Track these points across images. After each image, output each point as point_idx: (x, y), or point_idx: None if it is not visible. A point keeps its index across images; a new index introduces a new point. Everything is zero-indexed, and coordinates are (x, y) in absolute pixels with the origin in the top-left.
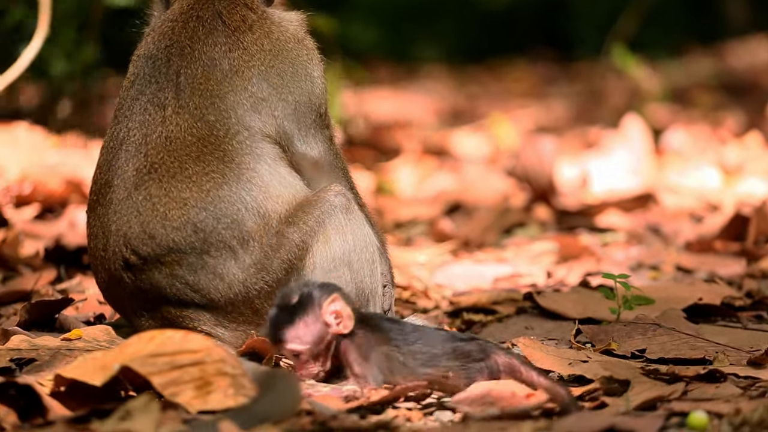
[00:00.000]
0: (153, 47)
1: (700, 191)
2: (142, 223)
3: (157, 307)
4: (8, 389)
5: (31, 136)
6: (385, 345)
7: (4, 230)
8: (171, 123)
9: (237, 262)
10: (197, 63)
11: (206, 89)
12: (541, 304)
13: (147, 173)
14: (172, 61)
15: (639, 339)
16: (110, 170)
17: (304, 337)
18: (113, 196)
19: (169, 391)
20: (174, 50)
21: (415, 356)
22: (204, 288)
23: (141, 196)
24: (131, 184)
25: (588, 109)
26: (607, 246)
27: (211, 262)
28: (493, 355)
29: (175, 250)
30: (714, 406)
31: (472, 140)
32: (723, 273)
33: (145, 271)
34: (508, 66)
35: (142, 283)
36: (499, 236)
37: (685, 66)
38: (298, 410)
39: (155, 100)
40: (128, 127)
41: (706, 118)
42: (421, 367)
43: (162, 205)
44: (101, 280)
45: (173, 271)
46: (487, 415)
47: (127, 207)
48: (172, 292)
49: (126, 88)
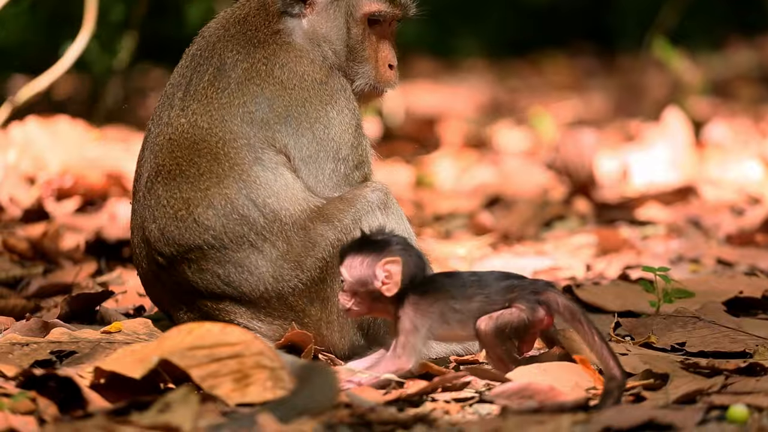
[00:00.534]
0: (195, 43)
1: (741, 184)
2: (159, 226)
3: (193, 300)
4: (49, 381)
5: (73, 130)
6: (440, 300)
7: (45, 223)
8: (172, 125)
9: (263, 256)
10: (210, 67)
11: (206, 95)
12: (580, 297)
13: (155, 175)
14: (195, 60)
15: (679, 332)
16: (140, 166)
17: (353, 270)
18: (139, 195)
19: (207, 383)
20: (202, 48)
21: (471, 300)
22: (234, 281)
23: (153, 199)
24: (145, 185)
25: (628, 102)
26: (647, 239)
27: (234, 256)
28: (547, 292)
29: (194, 247)
30: (754, 399)
31: (513, 133)
32: (764, 266)
33: (175, 267)
34: (548, 60)
35: (176, 278)
36: (538, 229)
37: (726, 58)
38: (336, 403)
39: (170, 99)
40: (153, 124)
41: (748, 111)
42: (477, 309)
43: (170, 206)
44: (142, 273)
45: (201, 266)
46: (525, 408)
47: (144, 208)
48: (204, 285)
49: (168, 82)
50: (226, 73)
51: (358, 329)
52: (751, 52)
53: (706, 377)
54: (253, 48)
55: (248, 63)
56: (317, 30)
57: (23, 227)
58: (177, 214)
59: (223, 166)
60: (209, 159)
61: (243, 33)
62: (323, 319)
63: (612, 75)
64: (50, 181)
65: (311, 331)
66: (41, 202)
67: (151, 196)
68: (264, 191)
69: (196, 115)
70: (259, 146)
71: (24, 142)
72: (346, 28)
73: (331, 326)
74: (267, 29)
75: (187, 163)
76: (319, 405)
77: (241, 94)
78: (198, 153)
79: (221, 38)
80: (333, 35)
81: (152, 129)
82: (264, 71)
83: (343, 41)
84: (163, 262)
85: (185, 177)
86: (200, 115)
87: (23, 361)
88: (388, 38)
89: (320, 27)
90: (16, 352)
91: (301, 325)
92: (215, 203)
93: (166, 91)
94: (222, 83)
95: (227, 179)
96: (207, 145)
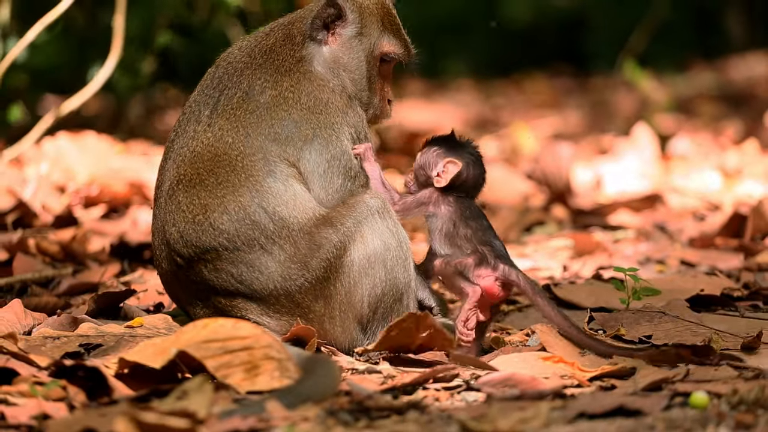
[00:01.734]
0: (219, 67)
1: (702, 192)
2: (178, 229)
3: (208, 297)
4: (77, 371)
5: (99, 144)
6: (461, 221)
7: (74, 228)
8: (198, 138)
9: (272, 258)
10: (238, 89)
11: (235, 115)
12: (558, 294)
13: (176, 183)
14: (222, 83)
15: (646, 326)
16: (162, 175)
17: (425, 155)
18: (161, 201)
19: (221, 373)
20: (229, 72)
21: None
22: (247, 280)
23: (173, 205)
24: (167, 192)
25: (601, 119)
26: (618, 242)
27: (247, 258)
28: (507, 266)
29: (210, 249)
30: (713, 387)
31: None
32: (723, 267)
33: (193, 267)
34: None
35: (194, 277)
36: (520, 233)
37: (689, 79)
38: (338, 391)
39: (196, 115)
40: (176, 135)
41: (708, 126)
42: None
43: (189, 212)
44: (162, 273)
45: (216, 266)
46: (508, 396)
47: (165, 213)
48: (219, 283)
49: (189, 99)
50: (255, 97)
51: (358, 324)
52: (712, 74)
53: (670, 367)
54: (280, 76)
55: (276, 90)
56: (338, 59)
57: (54, 232)
58: (195, 218)
59: (240, 176)
60: (228, 170)
61: (271, 62)
62: (326, 315)
63: (587, 94)
64: (78, 190)
65: (315, 326)
66: (70, 209)
67: (171, 202)
68: (274, 200)
69: (222, 131)
70: (273, 160)
71: (55, 155)
72: (365, 62)
73: (333, 321)
74: (292, 58)
75: (207, 173)
76: (322, 393)
77: (269, 117)
78: (218, 164)
79: (249, 65)
80: (353, 66)
81: (176, 141)
82: (292, 98)
83: (360, 73)
84: (181, 263)
85: (204, 185)
86: (227, 131)
87: (55, 353)
88: (389, 75)
89: (342, 57)
90: (49, 345)
91: (306, 321)
92: (230, 209)
93: (190, 107)
94: (251, 105)
95: (242, 188)
96: (227, 157)
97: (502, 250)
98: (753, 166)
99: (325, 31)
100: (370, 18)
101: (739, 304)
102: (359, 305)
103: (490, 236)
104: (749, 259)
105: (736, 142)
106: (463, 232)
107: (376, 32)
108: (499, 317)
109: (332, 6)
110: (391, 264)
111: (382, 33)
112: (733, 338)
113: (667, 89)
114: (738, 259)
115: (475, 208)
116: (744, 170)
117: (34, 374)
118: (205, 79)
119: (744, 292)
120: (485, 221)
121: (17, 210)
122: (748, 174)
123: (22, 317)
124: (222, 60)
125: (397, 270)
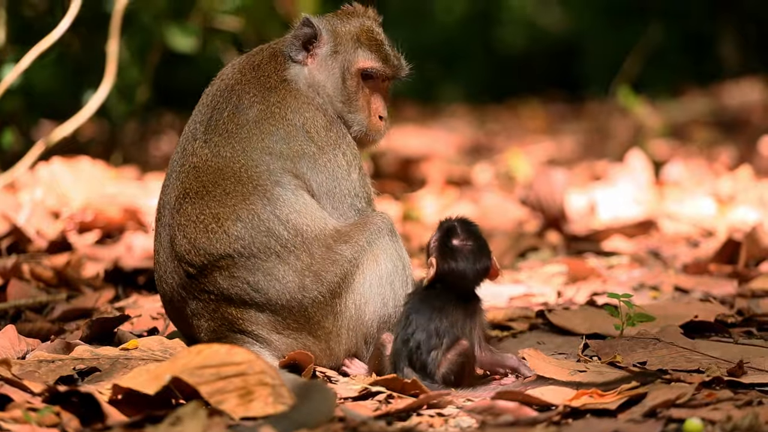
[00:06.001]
0: (214, 84)
1: (696, 219)
2: (190, 240)
3: (218, 309)
4: (71, 397)
5: (93, 169)
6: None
7: (68, 254)
8: (197, 155)
9: (289, 266)
10: (228, 105)
11: (227, 130)
12: (552, 320)
13: (183, 197)
14: (215, 99)
15: (641, 352)
16: (164, 194)
17: (433, 239)
18: (165, 220)
19: (215, 399)
20: (221, 89)
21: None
22: (263, 288)
23: (182, 217)
24: (173, 207)
25: (595, 145)
26: (612, 268)
27: (263, 265)
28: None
29: (225, 255)
30: (708, 413)
31: (490, 172)
32: (717, 293)
33: (206, 275)
34: (523, 105)
35: (207, 286)
36: (514, 259)
37: (683, 105)
38: (332, 417)
39: (193, 133)
40: (177, 154)
41: (702, 152)
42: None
43: (200, 222)
44: (164, 293)
45: (233, 273)
46: (502, 422)
47: (173, 227)
48: (235, 291)
49: (189, 119)
50: (243, 111)
51: (364, 344)
52: (705, 100)
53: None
54: (267, 92)
55: (264, 105)
56: (316, 78)
57: (48, 257)
58: (208, 227)
59: (247, 186)
60: (233, 181)
61: (257, 78)
62: (333, 333)
63: (581, 120)
64: (73, 215)
65: (321, 344)
66: (65, 234)
67: (180, 215)
68: (287, 208)
69: (218, 147)
70: (279, 172)
71: (49, 181)
72: (342, 80)
73: (339, 340)
74: (277, 76)
75: (212, 185)
76: (317, 419)
77: (259, 131)
78: (222, 176)
79: (239, 81)
80: (329, 84)
81: (177, 160)
82: (278, 114)
83: (339, 91)
84: (193, 272)
85: (212, 196)
86: (222, 147)
87: (49, 377)
88: (381, 92)
89: (319, 76)
90: (43, 368)
91: (313, 337)
92: (243, 217)
93: (188, 126)
94: (241, 120)
95: (252, 197)
96: (230, 170)
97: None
98: (747, 192)
99: (305, 52)
100: (345, 36)
101: (733, 330)
102: (369, 323)
103: (419, 333)
104: (743, 285)
105: (730, 169)
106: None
107: (350, 48)
108: (493, 343)
109: (307, 26)
110: (398, 285)
111: (357, 49)
112: (727, 365)
113: (661, 115)
114: (732, 285)
115: (437, 304)
116: (738, 196)
117: (28, 400)
118: (201, 98)
119: (738, 318)
120: (434, 323)
121: (11, 235)
122: (741, 200)
123: (16, 343)
124: (217, 78)
125: (402, 292)
